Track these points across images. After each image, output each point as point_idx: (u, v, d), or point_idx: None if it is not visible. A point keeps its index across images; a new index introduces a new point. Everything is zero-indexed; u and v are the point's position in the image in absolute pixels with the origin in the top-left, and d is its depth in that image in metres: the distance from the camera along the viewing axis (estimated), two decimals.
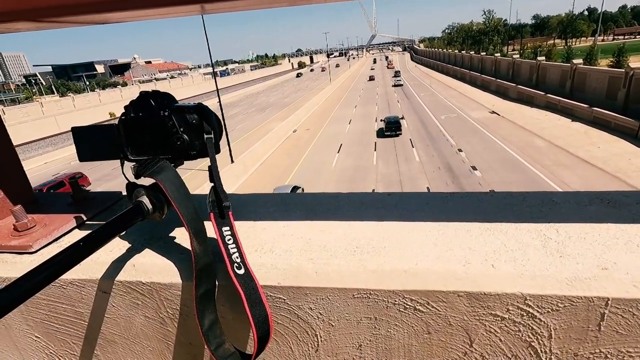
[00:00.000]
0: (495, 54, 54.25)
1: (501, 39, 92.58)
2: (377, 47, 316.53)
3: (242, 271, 0.69)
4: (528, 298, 0.61)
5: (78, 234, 0.93)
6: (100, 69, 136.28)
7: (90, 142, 0.82)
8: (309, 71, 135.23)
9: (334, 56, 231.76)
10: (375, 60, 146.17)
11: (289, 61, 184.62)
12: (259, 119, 42.85)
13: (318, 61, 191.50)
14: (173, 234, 0.86)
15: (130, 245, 0.84)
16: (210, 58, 25.13)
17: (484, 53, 61.94)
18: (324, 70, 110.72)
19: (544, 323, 0.62)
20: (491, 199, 0.87)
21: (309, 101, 48.26)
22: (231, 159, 22.50)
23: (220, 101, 24.24)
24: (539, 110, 31.86)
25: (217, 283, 0.73)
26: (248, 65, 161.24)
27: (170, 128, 0.73)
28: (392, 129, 28.85)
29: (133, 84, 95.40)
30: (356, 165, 23.16)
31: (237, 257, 0.71)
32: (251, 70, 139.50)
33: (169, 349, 0.84)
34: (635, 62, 32.84)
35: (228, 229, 0.72)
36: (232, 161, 22.55)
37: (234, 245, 0.72)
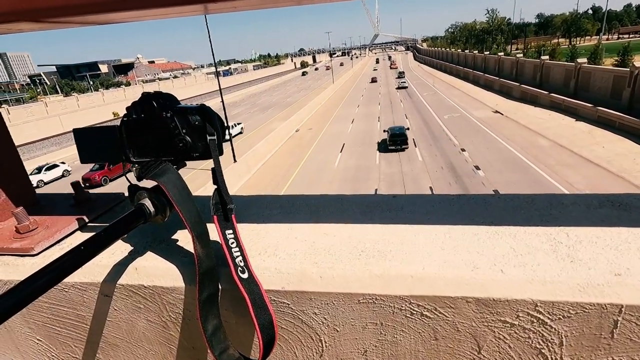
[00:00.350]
0: (499, 53, 53.93)
1: (505, 38, 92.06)
2: (380, 47, 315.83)
3: (246, 275, 0.68)
4: (539, 304, 0.59)
5: (80, 236, 0.92)
6: (103, 68, 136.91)
7: (91, 144, 0.81)
8: (314, 70, 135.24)
9: (336, 56, 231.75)
10: (377, 60, 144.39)
11: (292, 61, 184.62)
12: (262, 119, 42.92)
13: (321, 61, 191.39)
14: (175, 237, 0.85)
15: (133, 248, 0.83)
16: (213, 58, 25.15)
17: (488, 52, 61.53)
18: (328, 69, 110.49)
19: (555, 330, 0.60)
20: (498, 202, 0.85)
21: (311, 101, 48.27)
22: (234, 158, 22.55)
23: (223, 101, 24.29)
24: (542, 110, 31.68)
25: (220, 287, 0.72)
26: (251, 65, 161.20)
27: (172, 130, 0.72)
28: (397, 142, 24.59)
29: (136, 84, 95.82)
30: (359, 165, 23.13)
31: (241, 261, 0.70)
32: (254, 69, 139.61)
33: (171, 353, 0.83)
34: None
35: (231, 231, 0.72)
36: (235, 160, 22.60)
37: (238, 248, 0.71)
